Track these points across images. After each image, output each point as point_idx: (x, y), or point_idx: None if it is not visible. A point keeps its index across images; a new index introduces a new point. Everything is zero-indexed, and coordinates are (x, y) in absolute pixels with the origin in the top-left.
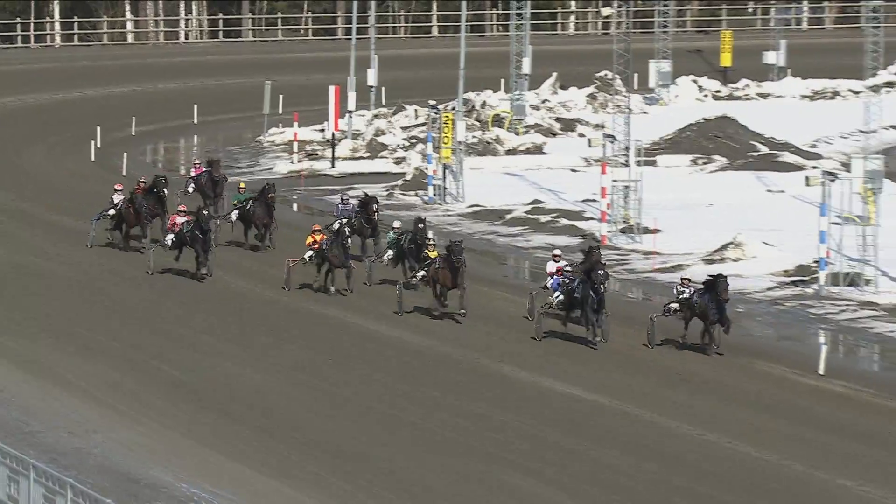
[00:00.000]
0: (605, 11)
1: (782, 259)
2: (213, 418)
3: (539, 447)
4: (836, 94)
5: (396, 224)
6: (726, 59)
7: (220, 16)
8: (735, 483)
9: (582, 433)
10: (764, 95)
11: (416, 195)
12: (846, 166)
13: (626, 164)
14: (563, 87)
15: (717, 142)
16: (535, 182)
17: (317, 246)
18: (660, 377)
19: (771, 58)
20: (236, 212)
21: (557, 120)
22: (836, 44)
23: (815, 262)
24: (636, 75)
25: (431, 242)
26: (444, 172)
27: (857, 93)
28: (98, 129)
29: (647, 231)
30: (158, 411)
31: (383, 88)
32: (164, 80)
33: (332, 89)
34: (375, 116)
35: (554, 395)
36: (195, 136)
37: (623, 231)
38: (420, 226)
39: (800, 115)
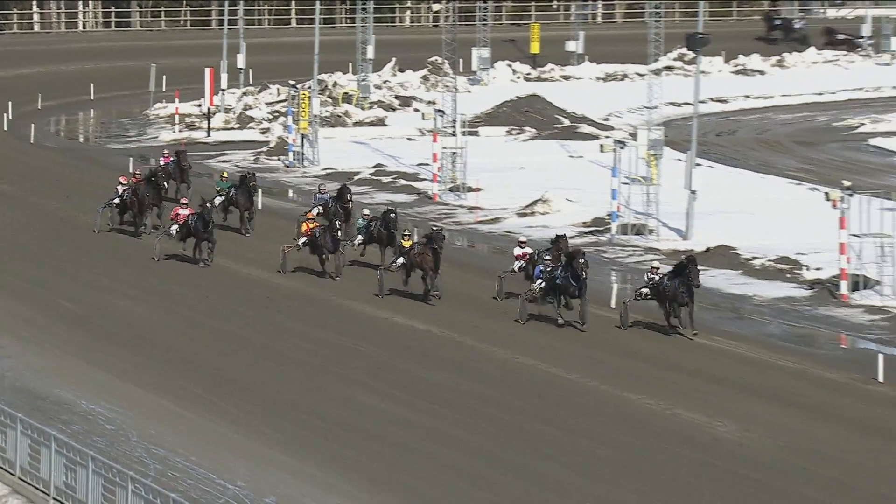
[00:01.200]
0: (436, 7)
1: (582, 212)
2: (107, 345)
3: (374, 366)
4: (624, 76)
5: (366, 212)
6: (535, 48)
7: (113, 9)
8: (528, 391)
9: (425, 361)
10: (566, 77)
11: (279, 160)
12: (633, 136)
13: (454, 134)
14: (401, 70)
15: (528, 116)
16: (378, 149)
17: (308, 233)
18: (485, 311)
19: (571, 46)
20: (220, 197)
21: (396, 97)
22: (624, 35)
23: (608, 215)
24: (461, 60)
25: (406, 233)
26: (302, 141)
27: (641, 75)
28: (10, 104)
29: (470, 190)
30: (62, 340)
31: (251, 70)
32: (65, 63)
33: (207, 71)
34: (244, 94)
35: (397, 326)
36: (91, 110)
37: (451, 190)
38: (392, 215)
39: (595, 93)
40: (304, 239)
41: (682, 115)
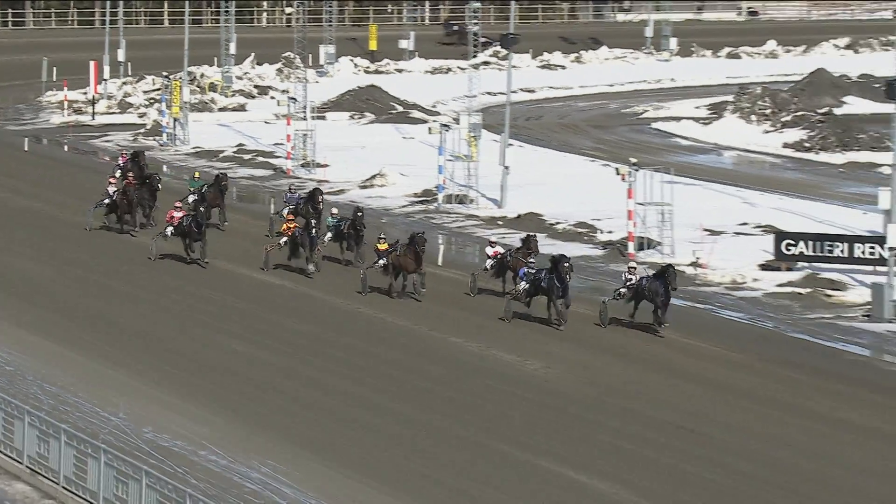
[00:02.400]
0: (288, 10)
1: (413, 185)
2: (4, 298)
3: (247, 320)
4: (449, 70)
5: (334, 210)
6: (373, 45)
7: (9, 10)
8: (373, 337)
9: (291, 314)
10: (400, 70)
11: (154, 139)
12: (456, 120)
13: (304, 118)
14: (259, 64)
15: (367, 103)
16: (240, 131)
17: (289, 233)
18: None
19: (404, 44)
20: (193, 195)
21: (255, 87)
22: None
23: (435, 187)
24: (310, 55)
25: (382, 236)
26: (174, 124)
27: (463, 69)
28: None
29: (319, 166)
30: None
31: (129, 63)
32: None
33: (92, 63)
34: (124, 83)
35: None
36: None
37: (302, 166)
38: (359, 214)
39: (424, 84)
40: (284, 238)
41: (497, 103)
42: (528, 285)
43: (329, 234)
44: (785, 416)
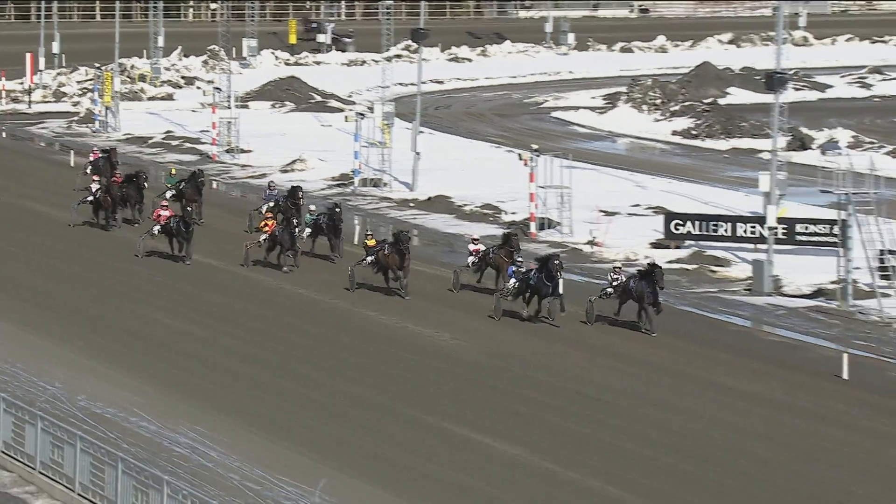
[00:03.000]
0: (213, 6)
1: (331, 169)
2: None
3: (174, 296)
4: (364, 62)
5: (312, 207)
6: (293, 39)
7: None
8: (288, 310)
9: (207, 287)
10: (318, 63)
11: (87, 127)
12: (371, 109)
13: (228, 107)
14: (186, 56)
15: (288, 93)
16: (168, 119)
17: (268, 231)
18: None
19: (322, 38)
20: (171, 192)
21: (182, 78)
22: (364, 29)
23: (352, 171)
24: (234, 48)
25: (369, 232)
26: (106, 112)
27: (377, 62)
28: None
29: (242, 151)
30: None
31: (64, 55)
32: None
33: (28, 56)
34: (59, 74)
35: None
36: None
37: (227, 151)
38: (337, 210)
39: (341, 76)
40: (264, 236)
41: (408, 94)
42: (517, 283)
43: (307, 230)
44: (675, 382)
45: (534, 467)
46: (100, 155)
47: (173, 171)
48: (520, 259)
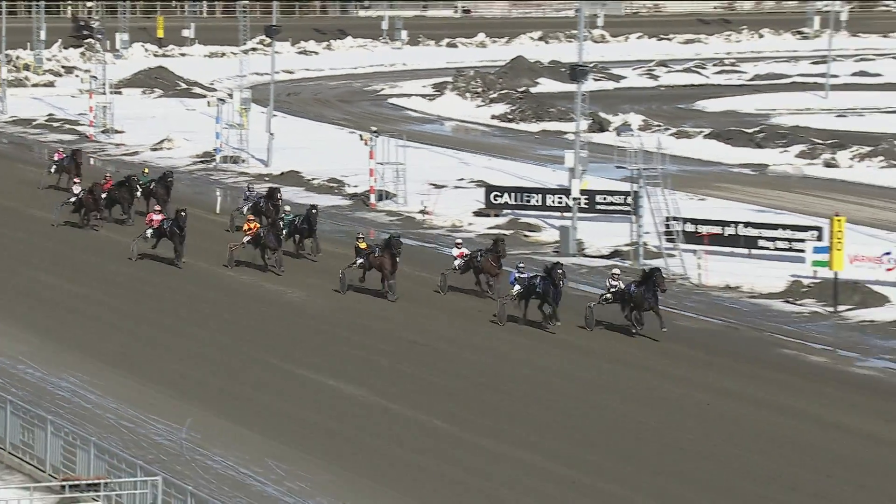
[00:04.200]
0: (90, 3)
1: (195, 148)
2: None
3: (63, 263)
4: (223, 54)
5: (287, 208)
6: (160, 33)
7: None
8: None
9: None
10: (183, 55)
11: None
12: (230, 95)
13: (104, 93)
14: (66, 48)
15: (157, 80)
16: (51, 103)
17: (252, 233)
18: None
19: (186, 32)
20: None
21: (63, 67)
22: (223, 25)
23: (214, 150)
24: (108, 41)
25: (360, 235)
26: None
27: (235, 54)
28: None
29: (116, 132)
30: None
31: None
32: None
33: None
34: None
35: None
36: None
37: (103, 132)
38: (313, 210)
39: (204, 66)
40: (247, 238)
41: (263, 82)
42: (520, 289)
43: (284, 230)
44: (495, 331)
45: (371, 404)
46: (64, 155)
47: (146, 171)
48: (522, 265)
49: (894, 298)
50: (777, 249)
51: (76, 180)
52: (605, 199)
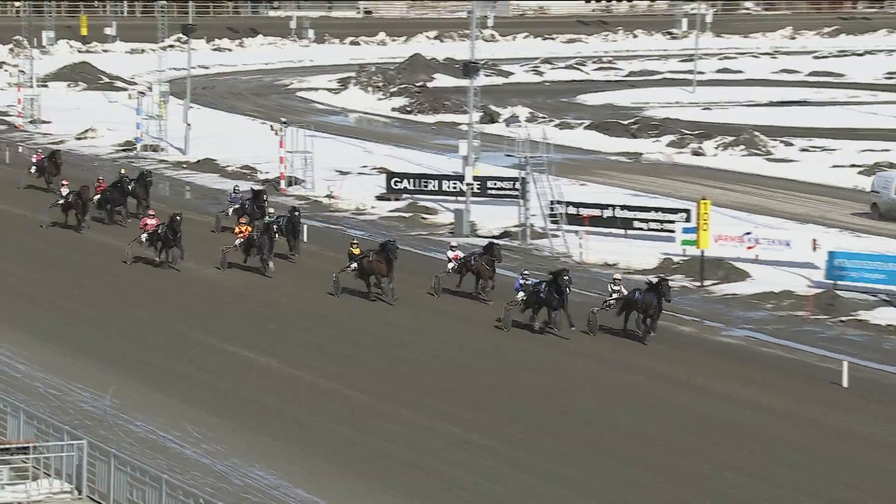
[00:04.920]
0: (17, 3)
1: (118, 137)
2: None
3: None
4: (143, 51)
5: (271, 210)
6: (84, 31)
7: None
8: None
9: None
10: (106, 51)
11: None
12: (150, 89)
13: (31, 86)
14: None
15: (81, 75)
16: None
17: (243, 236)
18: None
19: (108, 30)
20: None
21: None
22: (143, 24)
23: (135, 139)
24: (35, 38)
25: (354, 241)
26: None
27: (154, 50)
28: None
29: (44, 122)
30: None
31: None
32: None
33: None
34: None
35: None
36: None
37: (31, 122)
38: (296, 213)
39: (125, 62)
40: (239, 240)
41: (180, 77)
42: (525, 296)
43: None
44: (400, 305)
45: (283, 374)
46: (43, 156)
47: (123, 171)
48: (526, 272)
49: (755, 274)
50: (650, 230)
51: (64, 182)
52: (495, 184)
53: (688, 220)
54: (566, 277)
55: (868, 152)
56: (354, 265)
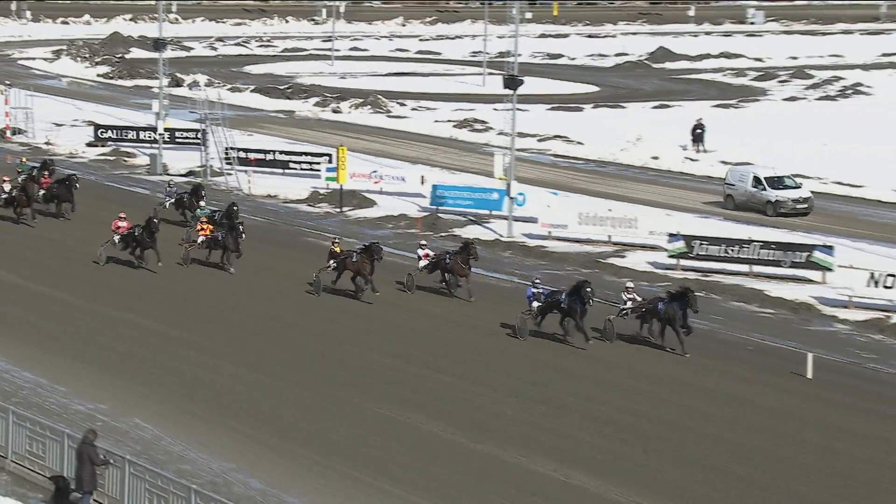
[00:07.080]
0: None
1: None
2: None
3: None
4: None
5: (202, 203)
6: None
7: None
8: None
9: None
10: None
11: None
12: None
13: None
14: None
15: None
16: None
17: (204, 233)
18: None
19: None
20: (23, 175)
21: None
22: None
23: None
24: None
25: (336, 240)
26: None
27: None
28: None
29: None
30: None
31: None
32: None
33: None
34: None
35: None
36: None
37: None
38: (234, 208)
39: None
40: (202, 238)
41: None
42: (539, 305)
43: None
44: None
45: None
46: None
47: (24, 159)
48: (538, 279)
49: (380, 202)
50: (302, 169)
51: (5, 178)
52: (182, 134)
53: (330, 161)
54: (588, 290)
55: (459, 111)
56: (333, 263)
